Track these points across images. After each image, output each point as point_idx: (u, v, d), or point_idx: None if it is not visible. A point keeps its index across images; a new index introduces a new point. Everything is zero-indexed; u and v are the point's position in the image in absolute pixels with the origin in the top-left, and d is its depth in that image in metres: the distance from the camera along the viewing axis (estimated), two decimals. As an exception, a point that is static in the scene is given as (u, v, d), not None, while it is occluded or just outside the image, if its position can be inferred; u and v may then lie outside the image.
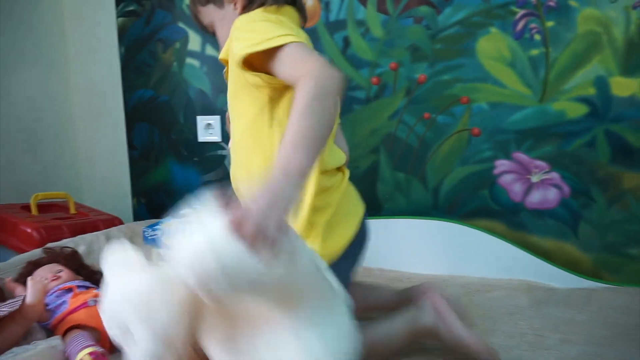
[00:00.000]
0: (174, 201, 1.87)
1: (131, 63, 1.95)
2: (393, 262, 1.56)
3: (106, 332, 0.75)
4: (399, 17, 1.51)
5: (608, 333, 1.08)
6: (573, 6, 1.36)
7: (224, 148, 1.83)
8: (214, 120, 1.83)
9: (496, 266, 1.46)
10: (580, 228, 1.43)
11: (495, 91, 1.46)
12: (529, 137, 1.44)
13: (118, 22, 1.88)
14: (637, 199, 1.36)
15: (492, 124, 1.47)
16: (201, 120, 1.85)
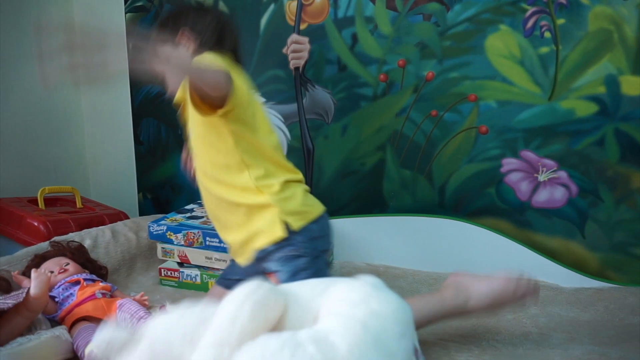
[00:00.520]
0: (180, 197, 1.88)
1: (139, 58, 1.95)
2: (398, 260, 1.56)
3: (113, 324, 0.75)
4: (408, 14, 1.50)
5: (614, 333, 1.08)
6: (584, 4, 1.34)
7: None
8: (221, 116, 1.83)
9: (502, 265, 1.44)
10: (587, 227, 1.42)
11: (503, 89, 1.45)
12: (538, 136, 1.43)
13: (127, 18, 1.88)
14: (646, 199, 1.35)
15: (500, 122, 1.46)
16: (208, 115, 1.85)
